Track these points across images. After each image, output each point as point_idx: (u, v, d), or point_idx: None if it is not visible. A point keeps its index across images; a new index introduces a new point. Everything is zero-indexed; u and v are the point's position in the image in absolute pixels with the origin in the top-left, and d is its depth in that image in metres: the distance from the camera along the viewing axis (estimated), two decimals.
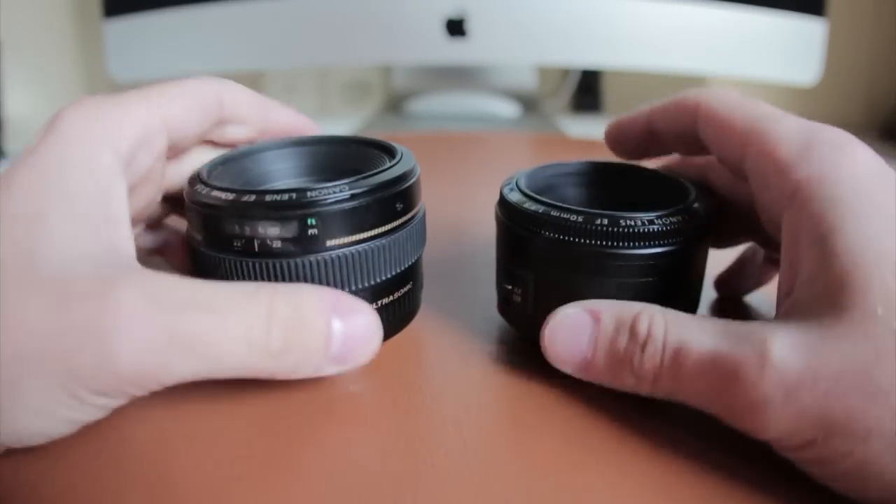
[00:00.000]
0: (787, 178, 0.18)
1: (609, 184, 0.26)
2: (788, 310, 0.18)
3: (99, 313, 0.17)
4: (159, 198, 0.24)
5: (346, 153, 0.26)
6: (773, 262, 0.27)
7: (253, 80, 0.98)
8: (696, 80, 0.96)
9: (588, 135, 0.75)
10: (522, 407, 0.21)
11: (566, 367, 0.21)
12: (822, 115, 0.20)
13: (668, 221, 0.21)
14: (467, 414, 0.21)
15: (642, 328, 0.19)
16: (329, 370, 0.20)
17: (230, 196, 0.20)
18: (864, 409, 0.15)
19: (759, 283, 0.28)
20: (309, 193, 0.20)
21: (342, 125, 0.76)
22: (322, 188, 0.20)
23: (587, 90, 0.94)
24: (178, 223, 0.28)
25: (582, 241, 0.20)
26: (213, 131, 0.24)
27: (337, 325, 0.19)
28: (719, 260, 0.28)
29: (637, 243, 0.20)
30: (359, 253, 0.21)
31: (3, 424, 0.17)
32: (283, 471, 0.18)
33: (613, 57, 0.69)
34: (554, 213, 0.21)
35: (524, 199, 0.22)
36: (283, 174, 0.26)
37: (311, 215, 0.20)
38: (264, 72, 0.95)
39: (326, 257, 0.20)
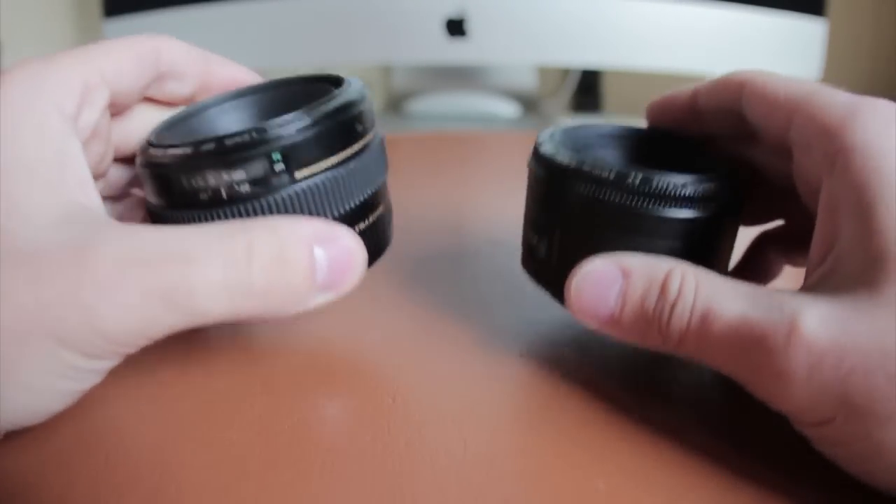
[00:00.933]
0: (830, 143, 0.18)
1: (646, 149, 0.25)
2: (820, 280, 0.18)
3: (77, 282, 0.17)
4: (110, 156, 0.24)
5: (293, 94, 0.25)
6: (783, 253, 0.27)
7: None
8: (697, 81, 0.96)
9: None
10: (523, 407, 0.21)
11: (591, 322, 0.20)
12: None
13: (702, 187, 0.20)
14: (468, 414, 0.21)
15: (673, 286, 0.18)
16: (318, 301, 0.19)
17: (188, 150, 0.20)
18: (887, 392, 0.15)
19: (770, 276, 0.28)
20: (269, 129, 0.19)
21: None
22: (280, 121, 0.20)
23: (587, 90, 0.94)
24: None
25: (612, 196, 0.20)
26: (154, 87, 0.24)
27: (319, 252, 0.19)
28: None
29: (668, 204, 0.20)
30: (330, 181, 0.20)
31: (2, 407, 0.17)
32: (283, 470, 0.18)
33: (613, 57, 0.69)
34: (586, 167, 0.21)
35: (558, 150, 0.22)
36: (234, 127, 0.25)
37: (275, 150, 0.19)
38: (264, 72, 0.95)
39: (298, 190, 0.20)
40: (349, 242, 0.20)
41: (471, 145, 0.61)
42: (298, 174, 0.20)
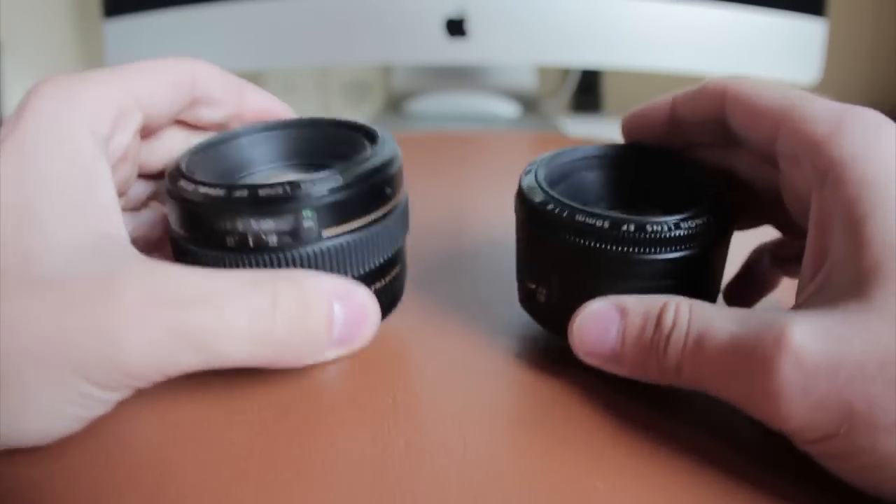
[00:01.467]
0: (819, 156, 0.18)
1: (628, 166, 0.25)
2: (813, 293, 0.18)
3: (102, 314, 0.17)
4: (135, 175, 0.24)
5: (324, 136, 0.26)
6: (779, 265, 0.27)
7: (253, 80, 0.98)
8: (697, 81, 0.96)
9: (588, 135, 0.75)
10: (523, 407, 0.21)
11: (593, 360, 0.21)
12: None
13: (694, 224, 0.20)
14: (468, 414, 0.21)
15: (668, 318, 0.19)
16: (331, 354, 0.20)
17: (220, 192, 0.20)
18: (888, 399, 0.15)
19: (767, 288, 0.28)
20: (303, 185, 0.20)
21: None
22: (315, 179, 0.20)
23: (587, 90, 0.94)
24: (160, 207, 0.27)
25: (608, 247, 0.20)
26: (186, 111, 0.24)
27: (338, 308, 0.19)
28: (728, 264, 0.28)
29: (662, 247, 0.20)
30: (355, 241, 0.21)
31: (12, 427, 0.17)
32: (283, 471, 0.18)
33: (613, 57, 0.69)
34: (579, 217, 0.21)
35: (546, 198, 0.22)
36: (262, 160, 0.25)
37: (307, 207, 0.20)
38: (264, 72, 0.95)
39: (323, 248, 0.20)
40: (365, 300, 0.20)
41: (471, 145, 0.61)
42: (326, 232, 0.20)
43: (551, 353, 0.24)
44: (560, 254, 0.22)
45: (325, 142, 0.25)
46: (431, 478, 0.18)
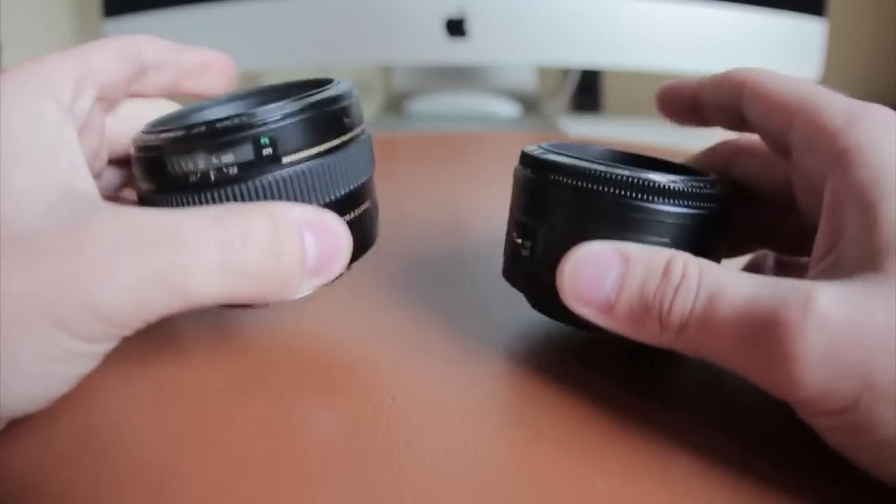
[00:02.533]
0: (834, 142, 0.18)
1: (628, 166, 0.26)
2: (826, 269, 0.18)
3: (74, 264, 0.17)
4: (105, 155, 0.24)
5: (286, 96, 0.26)
6: (782, 267, 0.27)
7: (253, 80, 0.98)
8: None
9: (588, 135, 0.75)
10: (524, 407, 0.21)
11: (584, 308, 0.19)
12: None
13: (692, 184, 0.20)
14: (468, 414, 0.21)
15: (676, 270, 0.18)
16: (307, 287, 0.20)
17: (179, 133, 0.20)
18: None
19: None
20: (258, 113, 0.20)
21: None
22: (269, 107, 0.20)
23: (587, 90, 0.94)
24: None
25: (602, 188, 0.20)
26: (138, 82, 0.24)
27: (309, 236, 0.19)
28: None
29: (659, 198, 0.20)
30: (316, 168, 0.21)
31: (1, 395, 0.17)
32: (283, 471, 0.18)
33: (613, 57, 0.69)
34: (576, 161, 0.21)
35: (546, 150, 0.22)
36: None
37: (263, 134, 0.20)
38: (264, 72, 0.95)
39: (285, 175, 0.20)
40: (336, 226, 0.20)
41: (471, 145, 0.61)
42: (286, 159, 0.20)
43: (551, 353, 0.24)
44: (552, 198, 0.21)
45: (286, 100, 0.26)
46: (431, 478, 0.18)
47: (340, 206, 0.22)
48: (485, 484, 0.18)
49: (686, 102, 0.25)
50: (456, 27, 0.69)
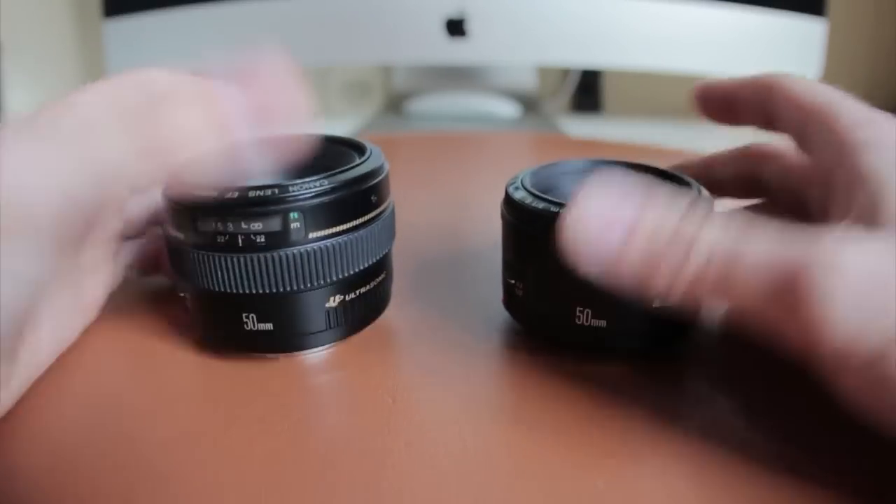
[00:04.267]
0: (846, 137, 0.20)
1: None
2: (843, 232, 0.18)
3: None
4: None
5: (316, 152, 0.26)
6: None
7: None
8: (696, 80, 0.96)
9: (588, 135, 0.75)
10: (523, 407, 0.21)
11: (588, 256, 0.18)
12: None
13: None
14: (467, 414, 0.21)
15: (697, 214, 0.17)
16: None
17: (213, 193, 0.21)
18: None
19: None
20: (290, 188, 0.21)
21: (342, 125, 0.76)
22: (302, 183, 0.21)
23: (587, 90, 0.94)
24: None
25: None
26: None
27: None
28: None
29: None
30: (339, 244, 0.22)
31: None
32: (283, 471, 0.18)
33: (613, 57, 0.69)
34: (553, 208, 0.22)
35: (527, 196, 0.23)
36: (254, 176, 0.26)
37: (294, 209, 0.21)
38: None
39: (308, 249, 0.21)
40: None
41: (471, 145, 0.61)
42: (312, 234, 0.21)
43: (551, 353, 0.24)
44: (533, 245, 0.22)
45: (316, 156, 0.26)
46: (431, 478, 0.18)
47: (358, 279, 0.23)
48: (485, 483, 0.18)
49: (722, 102, 0.26)
50: (456, 27, 0.69)
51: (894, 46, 0.87)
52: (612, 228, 0.17)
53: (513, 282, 0.24)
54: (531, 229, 0.22)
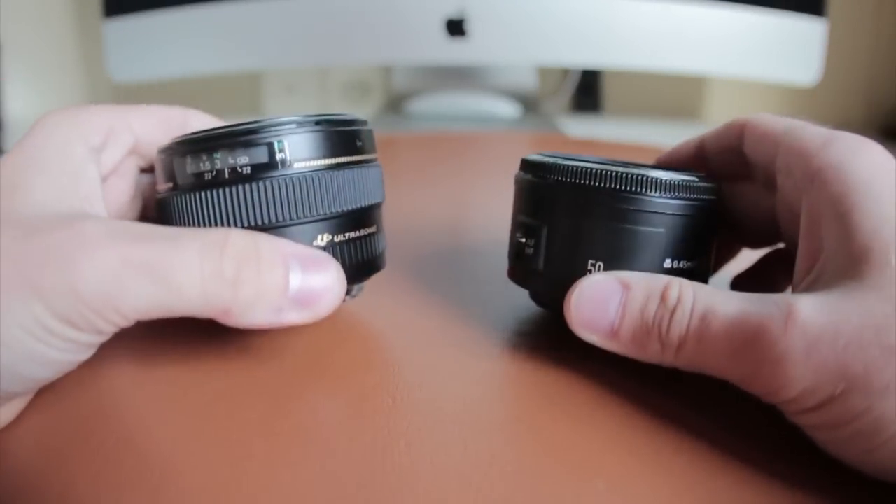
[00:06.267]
0: (809, 163, 0.20)
1: None
2: (811, 283, 0.19)
3: (63, 238, 0.18)
4: (138, 204, 0.26)
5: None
6: (787, 271, 0.27)
7: (253, 80, 0.98)
8: (696, 80, 0.96)
9: (588, 135, 0.75)
10: (524, 407, 0.21)
11: (590, 334, 0.21)
12: (822, 115, 0.21)
13: (682, 179, 0.22)
14: (468, 413, 0.21)
15: (672, 294, 0.20)
16: (291, 317, 0.20)
17: (200, 133, 0.22)
18: (883, 364, 0.16)
19: (774, 289, 0.28)
20: (276, 121, 0.22)
21: None
22: (287, 117, 0.22)
23: (587, 90, 0.94)
24: None
25: (596, 184, 0.22)
26: None
27: (296, 264, 0.20)
28: (728, 268, 0.28)
29: (652, 190, 0.21)
30: (324, 177, 0.22)
31: None
32: (283, 471, 0.18)
33: (613, 57, 0.69)
34: (571, 162, 0.22)
35: (545, 155, 0.24)
36: None
37: (279, 138, 0.21)
38: (264, 72, 0.95)
39: (295, 177, 0.22)
40: (327, 264, 0.21)
41: (471, 145, 0.61)
42: (297, 165, 0.22)
43: (552, 353, 0.24)
44: (551, 197, 0.23)
45: None
46: (431, 478, 0.18)
47: (346, 222, 0.23)
48: (485, 484, 0.18)
49: (688, 161, 0.27)
50: (456, 27, 0.69)
51: (894, 46, 0.87)
52: (608, 306, 0.21)
53: (523, 240, 0.24)
54: (547, 182, 0.23)
